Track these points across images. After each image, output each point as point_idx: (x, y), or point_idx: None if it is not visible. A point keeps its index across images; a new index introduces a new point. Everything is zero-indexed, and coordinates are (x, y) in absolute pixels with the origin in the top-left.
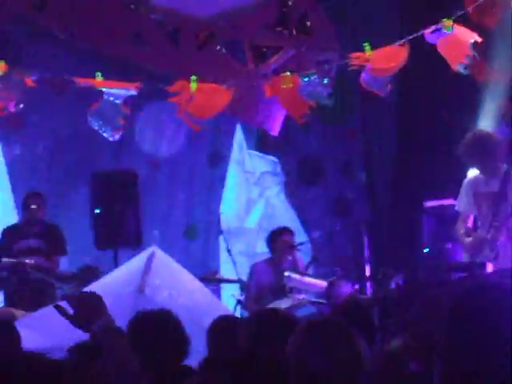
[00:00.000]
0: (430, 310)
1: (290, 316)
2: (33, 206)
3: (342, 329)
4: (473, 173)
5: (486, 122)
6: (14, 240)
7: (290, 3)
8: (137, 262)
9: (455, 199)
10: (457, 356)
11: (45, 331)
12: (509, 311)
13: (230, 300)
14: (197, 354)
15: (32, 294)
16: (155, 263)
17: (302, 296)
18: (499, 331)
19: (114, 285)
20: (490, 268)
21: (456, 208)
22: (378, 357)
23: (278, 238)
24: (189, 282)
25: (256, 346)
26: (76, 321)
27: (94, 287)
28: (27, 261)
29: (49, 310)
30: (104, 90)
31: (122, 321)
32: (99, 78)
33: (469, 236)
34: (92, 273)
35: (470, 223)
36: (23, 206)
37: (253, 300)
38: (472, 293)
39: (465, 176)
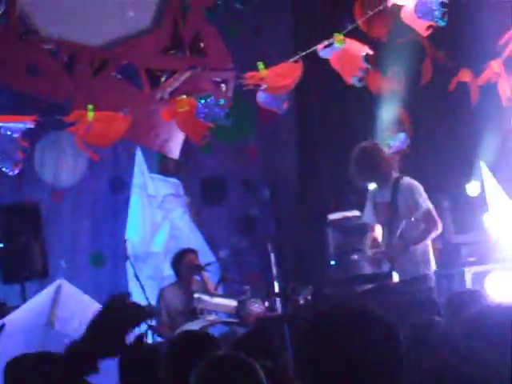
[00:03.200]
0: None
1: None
2: None
3: (242, 363)
4: (373, 184)
5: (384, 131)
6: None
7: (182, 25)
8: (44, 296)
9: (359, 210)
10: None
11: None
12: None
13: (140, 326)
14: None
15: None
16: (63, 296)
17: (213, 317)
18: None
19: (24, 321)
20: (396, 278)
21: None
22: None
23: (182, 260)
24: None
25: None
26: None
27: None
28: None
29: None
30: (0, 124)
31: None
32: None
33: (373, 248)
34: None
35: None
36: None
37: (165, 325)
38: (329, 316)
39: (366, 187)
